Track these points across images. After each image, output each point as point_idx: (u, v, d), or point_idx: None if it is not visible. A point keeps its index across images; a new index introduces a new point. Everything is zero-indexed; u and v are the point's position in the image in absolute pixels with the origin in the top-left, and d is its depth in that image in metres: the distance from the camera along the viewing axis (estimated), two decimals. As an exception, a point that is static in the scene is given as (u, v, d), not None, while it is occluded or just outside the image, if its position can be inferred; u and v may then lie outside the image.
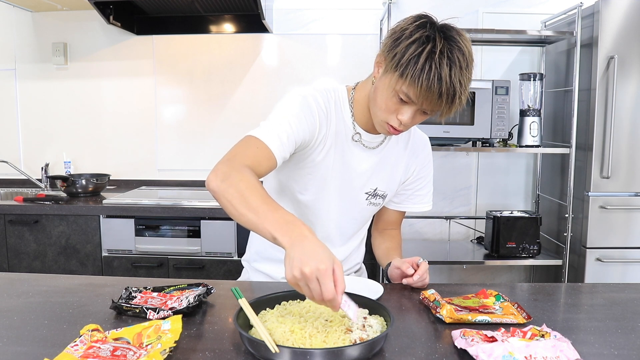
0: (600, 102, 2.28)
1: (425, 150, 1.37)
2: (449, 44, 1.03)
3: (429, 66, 1.01)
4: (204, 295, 1.13)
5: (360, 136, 1.24)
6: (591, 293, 1.26)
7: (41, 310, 1.09)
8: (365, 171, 1.28)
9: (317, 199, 1.27)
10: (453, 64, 1.02)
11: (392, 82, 1.07)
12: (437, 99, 1.03)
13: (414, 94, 1.04)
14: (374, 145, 1.26)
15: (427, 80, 1.01)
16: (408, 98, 1.06)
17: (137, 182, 2.99)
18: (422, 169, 1.37)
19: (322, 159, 1.22)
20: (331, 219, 1.32)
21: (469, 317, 1.02)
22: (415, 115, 1.10)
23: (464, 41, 1.06)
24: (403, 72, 1.03)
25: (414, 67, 1.01)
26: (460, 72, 1.03)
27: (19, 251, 2.45)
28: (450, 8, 2.80)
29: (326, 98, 1.21)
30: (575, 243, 2.45)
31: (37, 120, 3.00)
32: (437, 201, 2.92)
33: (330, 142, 1.22)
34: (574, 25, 2.33)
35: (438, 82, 1.01)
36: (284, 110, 1.15)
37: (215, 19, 2.88)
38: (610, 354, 0.91)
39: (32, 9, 2.89)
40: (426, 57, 1.01)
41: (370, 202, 1.32)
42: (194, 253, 2.41)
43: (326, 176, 1.25)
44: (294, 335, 0.89)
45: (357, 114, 1.23)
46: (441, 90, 1.02)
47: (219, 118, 2.93)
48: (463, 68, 1.04)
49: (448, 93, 1.03)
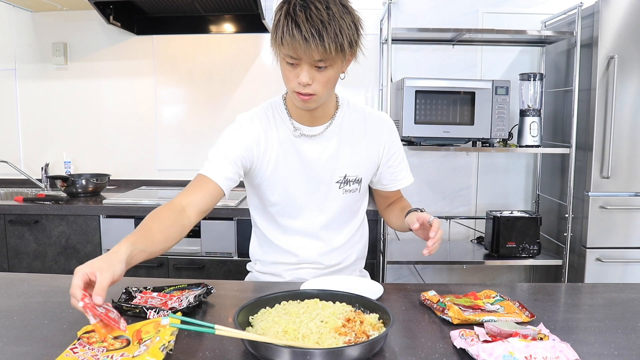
0: (600, 102, 2.28)
1: (385, 127, 1.39)
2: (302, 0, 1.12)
3: (286, 21, 1.11)
4: (204, 295, 1.13)
5: (300, 131, 1.32)
6: (591, 293, 1.26)
7: (41, 310, 1.09)
8: (327, 161, 1.33)
9: (287, 205, 1.35)
10: (308, 9, 1.10)
11: (278, 54, 1.19)
12: (305, 44, 1.10)
13: (289, 50, 1.13)
14: (316, 133, 1.33)
15: (289, 32, 1.11)
16: (291, 58, 1.15)
17: (137, 182, 2.99)
18: (390, 145, 1.40)
19: (273, 169, 1.32)
20: (312, 217, 1.37)
21: (476, 317, 1.02)
22: (311, 72, 1.16)
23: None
24: (277, 39, 1.14)
25: (280, 30, 1.13)
26: (318, 12, 1.10)
27: (19, 251, 2.45)
28: (450, 8, 2.81)
29: (262, 114, 1.34)
30: (575, 243, 2.45)
31: (37, 120, 3.00)
32: (437, 201, 2.92)
33: (276, 151, 1.32)
34: (574, 25, 2.33)
35: (297, 29, 1.10)
36: (220, 141, 1.30)
37: (215, 19, 2.88)
38: (610, 354, 0.91)
39: (32, 9, 2.89)
40: (284, 16, 1.12)
41: (345, 189, 1.36)
42: (194, 253, 2.41)
43: (285, 180, 1.33)
44: (287, 335, 0.89)
45: (292, 112, 1.33)
46: (302, 34, 1.10)
47: (219, 118, 2.93)
48: (321, 9, 1.11)
49: (312, 34, 1.10)
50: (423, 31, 2.47)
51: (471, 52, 2.84)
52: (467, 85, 2.38)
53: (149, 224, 1.10)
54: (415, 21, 2.81)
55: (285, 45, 1.13)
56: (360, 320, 0.94)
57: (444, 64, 2.84)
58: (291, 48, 1.12)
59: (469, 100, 2.38)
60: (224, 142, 1.30)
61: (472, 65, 2.85)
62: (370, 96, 2.90)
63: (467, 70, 2.85)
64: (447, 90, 2.38)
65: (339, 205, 1.37)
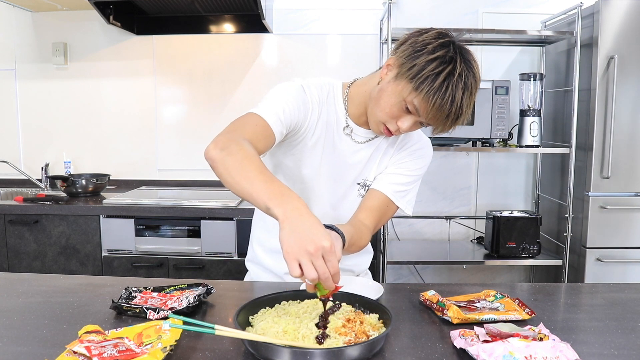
0: (600, 102, 2.28)
1: (416, 145, 1.32)
2: (467, 68, 1.06)
3: (445, 86, 1.04)
4: (204, 295, 1.13)
5: (351, 130, 1.27)
6: (591, 293, 1.26)
7: (41, 310, 1.09)
8: (357, 164, 1.30)
9: (312, 180, 1.28)
10: (466, 89, 1.06)
11: (404, 91, 1.09)
12: (445, 119, 1.08)
13: (424, 109, 1.07)
14: (363, 140, 1.28)
15: (441, 100, 1.04)
16: (415, 111, 1.09)
17: (137, 182, 2.99)
18: (407, 162, 1.31)
19: (314, 144, 1.24)
20: (323, 212, 1.31)
21: (476, 316, 1.02)
22: (414, 125, 1.14)
23: (477, 67, 1.10)
24: (419, 86, 1.05)
25: (432, 84, 1.04)
26: (470, 98, 1.07)
27: (19, 251, 2.45)
28: (451, 8, 2.81)
29: (320, 88, 1.25)
30: (575, 243, 2.45)
31: (37, 120, 3.00)
32: (437, 201, 2.92)
33: (320, 131, 1.24)
34: (574, 25, 2.33)
35: (450, 104, 1.05)
36: (280, 92, 1.20)
37: (215, 19, 2.88)
38: (610, 354, 0.91)
39: (32, 9, 2.89)
40: (445, 77, 1.04)
41: (360, 193, 1.34)
42: (194, 253, 2.41)
43: (318, 162, 1.27)
44: (286, 335, 0.89)
45: (351, 109, 1.26)
46: (451, 111, 1.06)
47: (219, 118, 2.93)
48: (473, 94, 1.08)
49: (456, 114, 1.07)
50: (423, 31, 2.46)
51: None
52: (467, 85, 2.38)
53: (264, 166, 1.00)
54: (415, 21, 2.80)
55: (424, 102, 1.06)
56: (360, 321, 0.94)
57: (444, 64, 2.84)
58: (428, 111, 1.06)
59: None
60: (289, 100, 1.17)
61: (472, 65, 2.85)
62: (370, 96, 2.90)
63: (467, 70, 2.84)
64: (447, 90, 2.38)
65: (351, 206, 1.33)
